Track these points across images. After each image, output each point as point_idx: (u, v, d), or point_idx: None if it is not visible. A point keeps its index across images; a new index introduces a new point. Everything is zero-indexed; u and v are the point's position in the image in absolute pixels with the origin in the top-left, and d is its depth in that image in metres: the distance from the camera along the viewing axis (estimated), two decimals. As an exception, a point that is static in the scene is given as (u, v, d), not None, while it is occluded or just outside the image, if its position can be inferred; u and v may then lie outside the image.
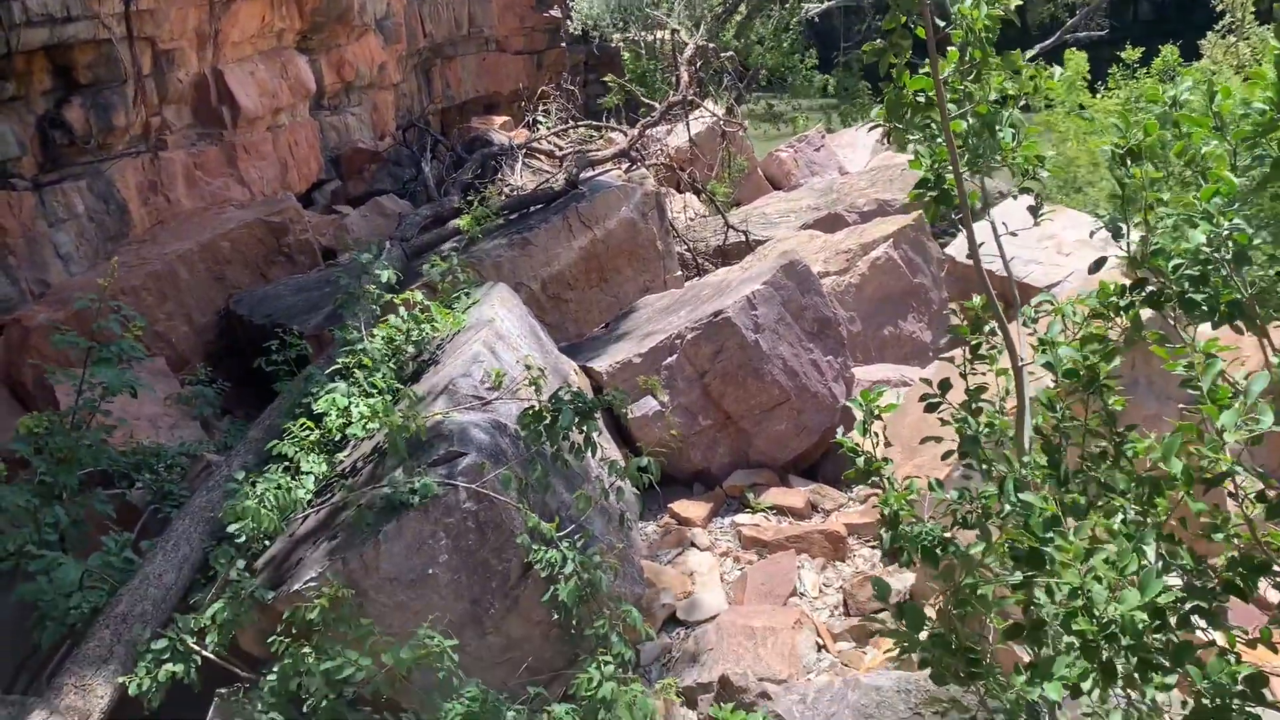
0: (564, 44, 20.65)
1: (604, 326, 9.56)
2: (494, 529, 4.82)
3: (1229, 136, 2.90)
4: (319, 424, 5.62)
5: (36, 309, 8.16)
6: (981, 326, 3.47)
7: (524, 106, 17.45)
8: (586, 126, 15.64)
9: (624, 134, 14.04)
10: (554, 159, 13.91)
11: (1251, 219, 2.89)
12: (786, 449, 7.74)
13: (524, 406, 5.33)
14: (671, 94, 15.11)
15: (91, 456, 5.50)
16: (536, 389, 5.50)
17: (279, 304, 9.17)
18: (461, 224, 9.63)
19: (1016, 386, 3.16)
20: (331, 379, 5.98)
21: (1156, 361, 2.89)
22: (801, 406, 7.66)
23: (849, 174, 15.78)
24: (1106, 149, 2.94)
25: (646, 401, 7.31)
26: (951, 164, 3.04)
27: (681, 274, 11.30)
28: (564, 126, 15.70)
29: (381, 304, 7.00)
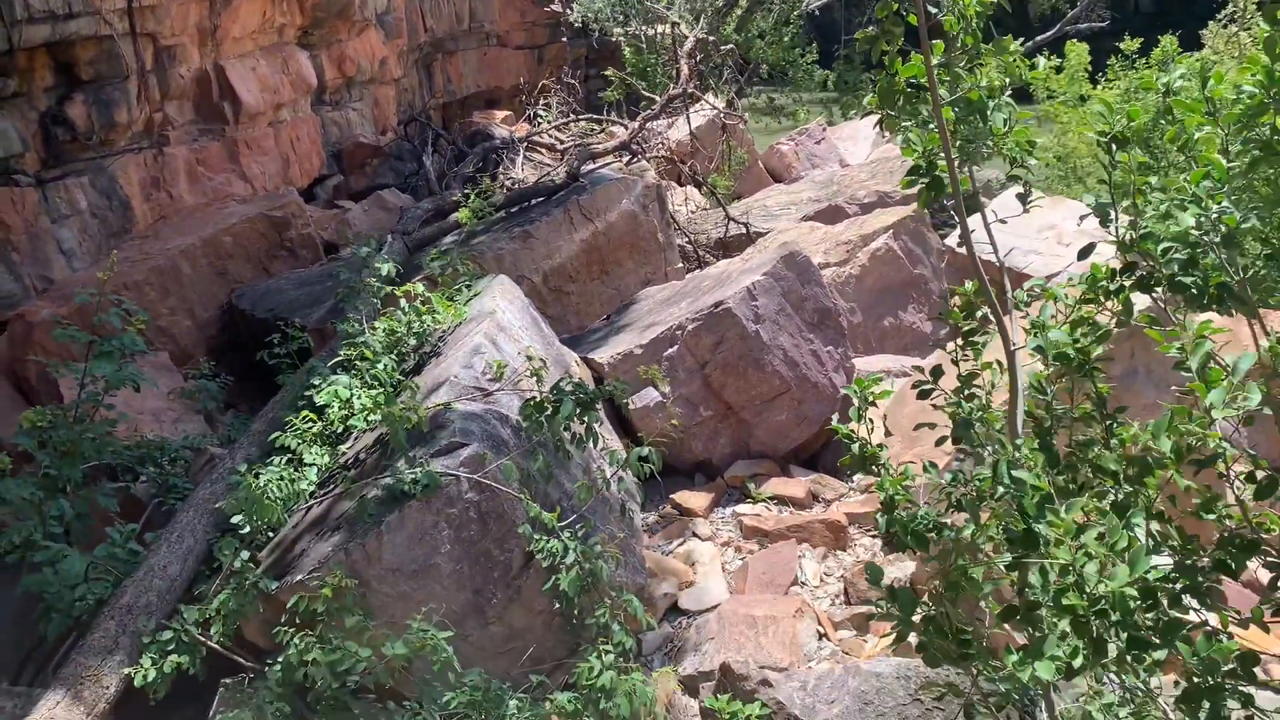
0: (565, 38, 20.66)
1: (605, 318, 9.58)
2: (496, 519, 4.85)
3: (1221, 121, 2.91)
4: (321, 416, 5.65)
5: (40, 304, 8.20)
6: (974, 312, 3.49)
7: (525, 101, 17.45)
8: (587, 120, 15.64)
9: (625, 127, 14.02)
10: (555, 152, 13.91)
11: (1241, 202, 2.91)
12: (787, 439, 7.76)
13: (526, 397, 5.36)
14: (672, 87, 15.09)
15: (95, 450, 5.52)
16: (538, 380, 5.52)
17: (281, 298, 9.21)
18: (461, 217, 9.66)
19: (1009, 370, 3.18)
20: (333, 371, 6.01)
21: (1155, 350, 2.90)
22: (802, 397, 7.68)
23: (849, 166, 15.79)
24: (1091, 135, 2.95)
25: (648, 392, 7.34)
26: (944, 150, 3.05)
27: (682, 266, 11.30)
28: (565, 120, 15.71)
29: (383, 297, 7.03)
